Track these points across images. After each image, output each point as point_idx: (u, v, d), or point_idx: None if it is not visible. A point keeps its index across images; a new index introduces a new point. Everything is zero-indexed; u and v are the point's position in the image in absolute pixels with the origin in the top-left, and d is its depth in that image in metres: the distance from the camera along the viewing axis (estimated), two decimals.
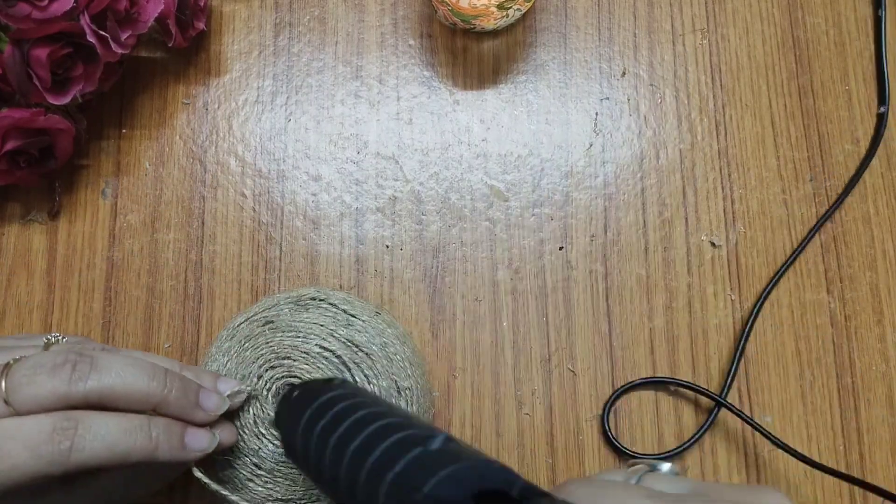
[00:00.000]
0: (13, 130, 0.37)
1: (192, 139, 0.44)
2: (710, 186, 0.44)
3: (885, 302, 0.43)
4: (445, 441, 0.24)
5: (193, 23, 0.42)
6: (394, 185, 0.44)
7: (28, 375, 0.27)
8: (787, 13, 0.47)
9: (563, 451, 0.40)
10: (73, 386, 0.28)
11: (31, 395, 0.27)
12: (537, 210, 0.43)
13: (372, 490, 0.24)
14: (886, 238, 0.44)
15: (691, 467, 0.40)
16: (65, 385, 0.27)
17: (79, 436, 0.27)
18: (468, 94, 0.45)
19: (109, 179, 0.43)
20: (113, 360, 0.29)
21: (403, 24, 0.46)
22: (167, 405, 0.30)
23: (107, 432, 0.28)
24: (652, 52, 0.46)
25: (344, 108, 0.45)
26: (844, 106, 0.46)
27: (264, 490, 0.35)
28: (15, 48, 0.35)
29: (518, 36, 0.46)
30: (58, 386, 0.27)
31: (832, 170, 0.45)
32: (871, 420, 0.41)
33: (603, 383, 0.41)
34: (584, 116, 0.45)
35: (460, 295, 0.42)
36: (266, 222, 0.43)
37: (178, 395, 0.30)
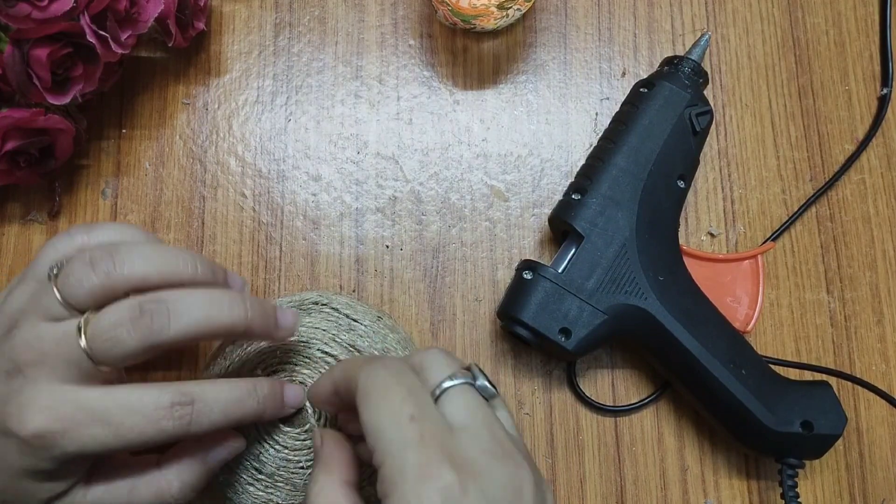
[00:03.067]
0: (13, 130, 0.37)
1: (192, 139, 0.44)
2: (710, 186, 0.44)
3: (885, 302, 0.43)
4: None
5: (193, 23, 0.42)
6: (394, 185, 0.44)
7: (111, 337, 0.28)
8: (787, 13, 0.47)
9: (563, 451, 0.40)
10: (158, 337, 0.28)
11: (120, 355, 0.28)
12: (537, 210, 0.43)
13: None
14: (886, 238, 0.44)
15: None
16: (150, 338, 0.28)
17: (196, 411, 0.29)
18: (468, 94, 0.45)
19: (109, 179, 0.43)
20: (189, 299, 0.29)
21: (403, 24, 0.46)
22: (252, 331, 0.31)
23: (221, 404, 0.30)
24: (652, 52, 0.46)
25: (344, 108, 0.45)
26: (844, 106, 0.46)
27: (265, 494, 0.35)
28: (15, 48, 0.35)
29: (518, 36, 0.46)
30: (143, 340, 0.28)
31: (832, 170, 0.45)
32: (871, 420, 0.41)
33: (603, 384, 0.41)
34: (584, 116, 0.45)
35: (460, 295, 0.42)
36: (266, 222, 0.43)
37: (259, 318, 0.31)
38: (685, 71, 0.41)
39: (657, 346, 0.38)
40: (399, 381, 0.26)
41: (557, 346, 0.37)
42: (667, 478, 0.40)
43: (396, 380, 0.27)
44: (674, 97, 0.39)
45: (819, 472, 0.40)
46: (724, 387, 0.36)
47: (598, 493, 0.40)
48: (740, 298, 0.41)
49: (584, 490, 0.40)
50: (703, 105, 0.40)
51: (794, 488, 0.37)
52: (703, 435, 0.41)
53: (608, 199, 0.38)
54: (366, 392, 0.27)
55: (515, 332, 0.38)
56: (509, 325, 0.38)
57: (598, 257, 0.38)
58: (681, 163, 0.40)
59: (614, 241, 0.38)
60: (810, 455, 0.37)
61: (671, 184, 0.39)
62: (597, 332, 0.37)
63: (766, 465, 0.40)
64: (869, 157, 0.45)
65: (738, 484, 0.40)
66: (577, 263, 0.38)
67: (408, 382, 0.27)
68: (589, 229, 0.38)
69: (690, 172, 0.40)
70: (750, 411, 0.36)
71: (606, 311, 0.37)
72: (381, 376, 0.27)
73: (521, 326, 0.37)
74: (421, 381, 0.27)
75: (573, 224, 0.38)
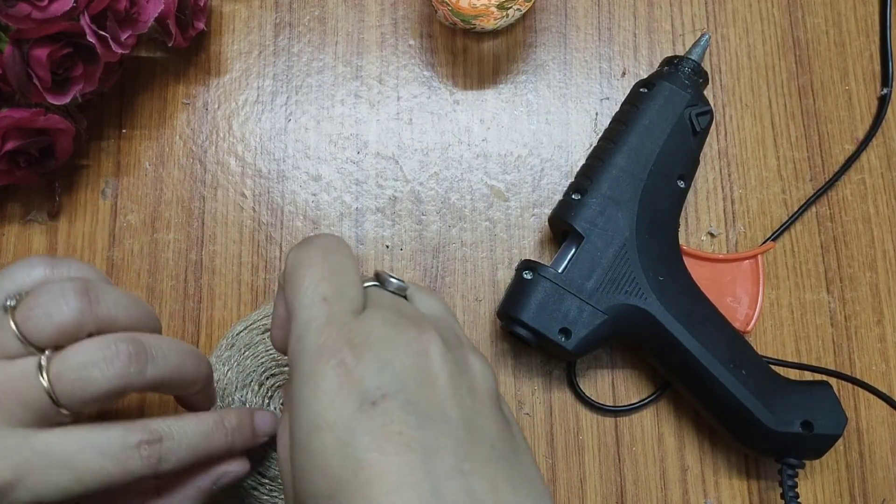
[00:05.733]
0: (13, 130, 0.37)
1: (192, 139, 0.44)
2: (710, 186, 0.44)
3: (885, 302, 0.43)
4: None
5: (193, 23, 0.42)
6: (394, 185, 0.44)
7: (80, 377, 0.26)
8: (787, 13, 0.47)
9: (563, 451, 0.40)
10: (135, 379, 0.27)
11: (89, 397, 0.26)
12: (537, 210, 0.43)
13: None
14: (886, 238, 0.44)
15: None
16: (126, 379, 0.26)
17: (165, 449, 0.27)
18: (468, 94, 0.45)
19: (109, 179, 0.43)
20: (165, 345, 0.28)
21: (403, 24, 0.46)
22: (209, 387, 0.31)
23: (188, 438, 0.28)
24: (652, 52, 0.46)
25: (344, 108, 0.45)
26: (844, 106, 0.46)
27: (269, 498, 0.35)
28: (15, 48, 0.35)
29: (518, 36, 0.46)
30: (118, 380, 0.26)
31: (832, 170, 0.45)
32: (871, 420, 0.41)
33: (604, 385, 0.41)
34: (584, 116, 0.45)
35: (460, 295, 0.42)
36: (266, 222, 0.43)
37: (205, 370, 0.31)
38: (685, 71, 0.41)
39: (657, 346, 0.38)
40: (324, 258, 0.26)
41: (557, 346, 0.37)
42: (667, 478, 0.40)
43: (322, 256, 0.26)
44: (674, 97, 0.39)
45: (819, 472, 0.40)
46: (724, 387, 0.36)
47: (598, 493, 0.40)
48: (740, 298, 0.41)
49: (584, 490, 0.40)
50: (703, 105, 0.40)
51: (794, 488, 0.37)
52: (703, 435, 0.41)
53: (608, 199, 0.38)
54: (290, 270, 0.26)
55: (515, 332, 0.38)
56: (509, 325, 0.38)
57: (598, 257, 0.38)
58: (681, 163, 0.40)
59: (614, 241, 0.38)
60: (810, 455, 0.37)
61: (671, 184, 0.39)
62: (597, 332, 0.37)
63: (766, 465, 0.40)
64: (869, 157, 0.45)
65: (738, 484, 0.40)
66: (577, 263, 0.38)
67: (333, 260, 0.26)
68: (589, 229, 0.38)
69: (690, 172, 0.40)
70: (750, 411, 0.36)
71: (606, 311, 0.37)
72: (305, 253, 0.26)
73: (521, 326, 0.37)
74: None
75: (573, 224, 0.38)
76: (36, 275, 0.28)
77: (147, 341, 0.28)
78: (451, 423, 0.23)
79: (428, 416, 0.23)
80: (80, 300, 0.26)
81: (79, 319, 0.26)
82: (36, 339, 0.26)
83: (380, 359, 0.23)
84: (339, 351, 0.23)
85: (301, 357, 0.24)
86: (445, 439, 0.22)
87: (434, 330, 0.25)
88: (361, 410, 0.22)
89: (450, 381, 0.24)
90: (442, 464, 0.22)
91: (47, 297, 0.26)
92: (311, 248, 0.26)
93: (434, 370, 0.24)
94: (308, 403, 0.23)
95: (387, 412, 0.22)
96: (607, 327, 0.37)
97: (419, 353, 0.24)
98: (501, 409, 0.26)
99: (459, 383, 0.24)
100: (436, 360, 0.24)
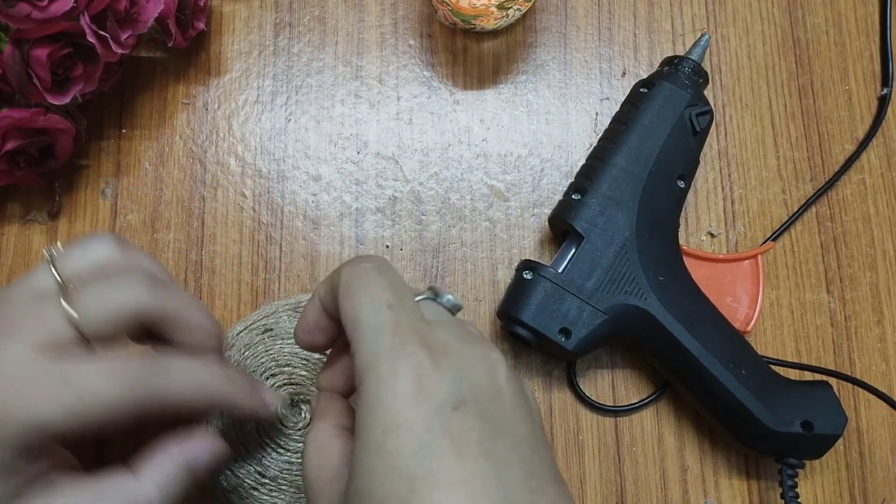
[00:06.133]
0: (13, 130, 0.37)
1: (192, 139, 0.44)
2: (710, 186, 0.44)
3: (885, 302, 0.43)
4: None
5: (193, 23, 0.42)
6: (394, 185, 0.44)
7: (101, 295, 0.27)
8: (787, 13, 0.47)
9: (563, 451, 0.40)
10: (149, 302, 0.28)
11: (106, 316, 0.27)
12: (537, 210, 0.43)
13: None
14: (886, 238, 0.44)
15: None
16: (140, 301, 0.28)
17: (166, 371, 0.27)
18: (468, 94, 0.45)
19: (109, 179, 0.43)
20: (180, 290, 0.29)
21: (403, 24, 0.46)
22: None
23: (192, 370, 0.28)
24: (652, 52, 0.46)
25: (344, 108, 0.45)
26: (844, 106, 0.46)
27: (269, 498, 0.35)
28: (15, 48, 0.35)
29: (518, 36, 0.46)
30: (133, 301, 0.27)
31: (832, 170, 0.45)
32: (871, 420, 0.41)
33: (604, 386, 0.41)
34: (584, 116, 0.45)
35: (460, 295, 0.42)
36: (266, 222, 0.43)
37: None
38: (685, 71, 0.41)
39: (657, 346, 0.38)
40: (381, 273, 0.26)
41: (557, 346, 0.37)
42: (667, 478, 0.40)
43: (378, 272, 0.26)
44: (674, 97, 0.39)
45: (819, 472, 0.40)
46: (724, 387, 0.36)
47: (598, 493, 0.40)
48: (740, 298, 0.41)
49: (584, 490, 0.40)
50: (703, 105, 0.40)
51: (794, 488, 0.37)
52: (703, 435, 0.41)
53: (608, 199, 0.38)
54: (347, 284, 0.26)
55: (515, 332, 0.38)
56: (509, 325, 0.38)
57: (598, 257, 0.38)
58: (681, 163, 0.40)
59: (614, 241, 0.38)
60: (810, 455, 0.37)
61: (671, 184, 0.39)
62: (597, 332, 0.37)
63: (766, 465, 0.40)
64: (869, 157, 0.45)
65: (738, 484, 0.40)
66: (577, 263, 0.38)
67: (389, 275, 0.26)
68: (589, 229, 0.38)
69: (690, 172, 0.40)
70: (750, 411, 0.36)
71: (606, 311, 0.37)
72: (362, 268, 0.26)
73: (521, 326, 0.37)
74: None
75: (573, 224, 0.38)
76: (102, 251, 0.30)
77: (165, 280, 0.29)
78: (520, 438, 0.23)
79: (500, 430, 0.23)
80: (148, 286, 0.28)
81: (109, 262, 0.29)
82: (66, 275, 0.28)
83: (456, 366, 0.24)
84: (417, 353, 0.23)
85: (376, 359, 0.24)
86: (516, 454, 0.23)
87: (498, 350, 0.26)
88: (441, 414, 0.22)
89: (515, 400, 0.24)
90: (514, 477, 0.22)
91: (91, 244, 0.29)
92: (365, 263, 0.27)
93: (502, 387, 0.24)
94: (385, 402, 0.23)
95: (466, 419, 0.22)
96: (607, 327, 0.37)
97: (489, 368, 0.24)
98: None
99: (523, 405, 0.25)
100: (504, 378, 0.25)
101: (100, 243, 0.30)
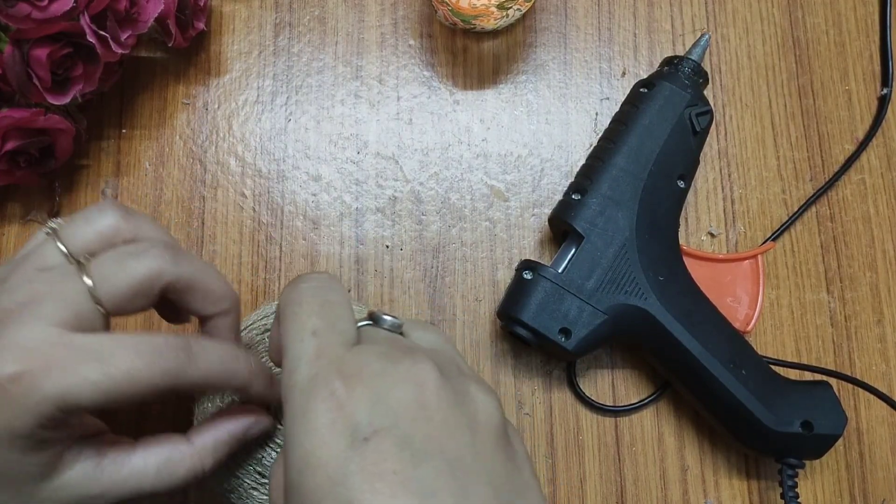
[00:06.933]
0: (13, 130, 0.37)
1: (192, 139, 0.44)
2: (710, 186, 0.44)
3: (885, 302, 0.43)
4: None
5: (193, 23, 0.42)
6: (394, 185, 0.44)
7: (119, 263, 0.27)
8: (787, 13, 0.47)
9: (563, 451, 0.40)
10: (166, 268, 0.28)
11: (125, 284, 0.27)
12: (537, 210, 0.43)
13: None
14: (886, 238, 0.44)
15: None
16: (157, 267, 0.27)
17: (192, 352, 0.27)
18: (468, 94, 0.45)
19: (109, 179, 0.43)
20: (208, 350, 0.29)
21: (403, 24, 0.46)
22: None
23: (214, 353, 0.28)
24: (652, 52, 0.46)
25: (344, 108, 0.45)
26: (844, 106, 0.46)
27: (269, 498, 0.35)
28: (15, 48, 0.35)
29: (518, 36, 0.46)
30: (151, 267, 0.27)
31: (832, 170, 0.45)
32: (871, 420, 0.41)
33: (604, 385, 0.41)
34: (584, 116, 0.45)
35: (460, 295, 0.42)
36: (266, 222, 0.43)
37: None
38: (685, 71, 0.41)
39: (657, 346, 0.38)
40: (314, 295, 0.25)
41: (557, 346, 0.37)
42: (667, 478, 0.40)
43: (312, 294, 0.25)
44: (674, 97, 0.39)
45: (819, 472, 0.40)
46: (724, 387, 0.36)
47: (598, 493, 0.40)
48: (740, 298, 0.41)
49: (584, 490, 0.40)
50: (703, 105, 0.40)
51: (794, 488, 0.37)
52: (703, 435, 0.41)
53: (608, 199, 0.38)
54: (281, 308, 0.26)
55: (515, 332, 0.38)
56: (509, 325, 0.38)
57: (598, 257, 0.38)
58: (681, 163, 0.40)
59: (614, 241, 0.38)
60: (810, 455, 0.37)
61: (671, 184, 0.39)
62: (597, 332, 0.37)
63: (766, 465, 0.40)
64: (869, 157, 0.45)
65: (738, 484, 0.40)
66: (577, 263, 0.38)
67: (323, 296, 0.25)
68: (589, 229, 0.38)
69: (690, 172, 0.40)
70: (750, 411, 0.36)
71: (606, 311, 0.37)
72: (297, 290, 0.26)
73: (521, 326, 0.37)
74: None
75: (573, 224, 0.38)
76: (108, 222, 0.29)
77: (176, 245, 0.29)
78: (449, 460, 0.22)
79: (424, 453, 0.21)
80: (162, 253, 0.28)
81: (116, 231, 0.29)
82: (74, 246, 0.28)
83: (372, 391, 0.22)
84: (330, 383, 0.22)
85: (292, 393, 0.23)
86: (443, 479, 0.21)
87: (430, 360, 0.24)
88: (353, 447, 0.21)
89: (448, 415, 0.23)
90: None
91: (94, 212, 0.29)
92: (301, 284, 0.26)
93: (430, 403, 0.23)
94: (299, 441, 0.22)
95: (380, 449, 0.21)
96: (607, 327, 0.37)
97: (414, 385, 0.23)
98: (509, 443, 0.25)
99: (458, 417, 0.23)
100: (431, 392, 0.23)
101: (104, 213, 0.29)
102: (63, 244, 0.28)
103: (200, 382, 0.27)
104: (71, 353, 0.25)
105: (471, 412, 0.24)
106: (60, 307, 0.26)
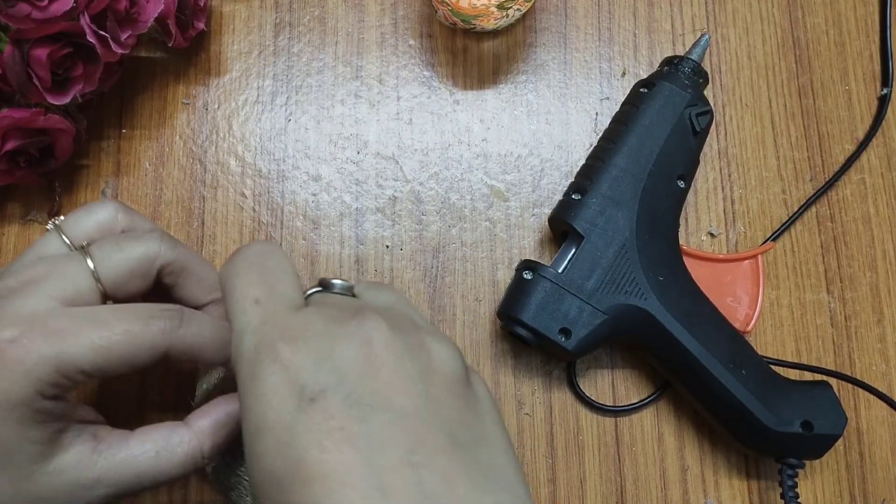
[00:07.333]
0: (13, 130, 0.37)
1: (192, 139, 0.44)
2: (710, 186, 0.44)
3: (885, 302, 0.43)
4: None
5: (193, 23, 0.42)
6: (394, 185, 0.44)
7: (119, 246, 0.29)
8: (787, 13, 0.47)
9: (563, 451, 0.40)
10: (164, 250, 0.30)
11: (125, 264, 0.29)
12: (537, 210, 0.43)
13: None
14: (886, 238, 0.44)
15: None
16: (154, 248, 0.30)
17: (184, 319, 0.28)
18: (468, 94, 0.45)
19: (109, 179, 0.43)
20: (200, 318, 0.30)
21: (403, 24, 0.46)
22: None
23: (205, 322, 0.29)
24: (652, 52, 0.46)
25: (344, 108, 0.45)
26: (844, 106, 0.46)
27: None
28: (15, 48, 0.35)
29: (518, 36, 0.46)
30: (149, 247, 0.30)
31: (832, 170, 0.45)
32: (871, 420, 0.41)
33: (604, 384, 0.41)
34: (584, 116, 0.45)
35: (460, 295, 0.42)
36: (266, 222, 0.43)
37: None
38: (685, 71, 0.41)
39: (657, 346, 0.38)
40: (252, 264, 0.26)
41: (557, 346, 0.37)
42: (667, 478, 0.40)
43: (250, 263, 0.26)
44: (674, 97, 0.39)
45: (819, 472, 0.40)
46: (724, 387, 0.36)
47: (598, 493, 0.40)
48: (740, 298, 0.41)
49: (584, 490, 0.40)
50: (703, 105, 0.40)
51: (794, 488, 0.37)
52: (703, 435, 0.41)
53: (608, 199, 0.38)
54: (222, 284, 0.26)
55: (515, 332, 0.38)
56: (509, 325, 0.38)
57: (598, 257, 0.38)
58: (681, 163, 0.40)
59: (614, 241, 0.38)
60: (810, 455, 0.37)
61: (671, 184, 0.39)
62: (597, 332, 0.37)
63: (766, 465, 0.40)
64: (869, 157, 0.45)
65: (738, 484, 0.40)
66: (577, 263, 0.38)
67: (261, 264, 0.26)
68: (589, 229, 0.38)
69: (690, 172, 0.40)
70: (750, 411, 0.36)
71: (606, 311, 0.37)
72: (235, 263, 0.26)
73: (521, 326, 0.37)
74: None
75: (573, 224, 0.38)
76: (107, 214, 0.31)
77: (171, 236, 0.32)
78: (399, 412, 0.22)
79: (371, 408, 0.21)
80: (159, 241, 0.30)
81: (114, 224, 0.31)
82: (75, 234, 0.31)
83: (317, 352, 0.22)
84: (275, 347, 0.22)
85: (240, 362, 0.23)
86: (392, 430, 0.21)
87: (378, 317, 0.24)
88: (300, 409, 0.21)
89: (397, 368, 0.23)
90: (388, 457, 0.21)
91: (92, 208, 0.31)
92: (237, 256, 0.26)
93: (378, 358, 0.23)
94: (250, 406, 0.22)
95: (326, 408, 0.21)
96: (607, 327, 0.37)
97: (361, 342, 0.23)
98: (469, 391, 0.24)
99: (409, 368, 0.23)
100: (379, 348, 0.23)
101: (103, 207, 0.31)
102: (65, 234, 0.30)
103: (195, 347, 0.28)
104: (67, 320, 0.26)
105: (423, 362, 0.24)
106: (62, 284, 0.27)
